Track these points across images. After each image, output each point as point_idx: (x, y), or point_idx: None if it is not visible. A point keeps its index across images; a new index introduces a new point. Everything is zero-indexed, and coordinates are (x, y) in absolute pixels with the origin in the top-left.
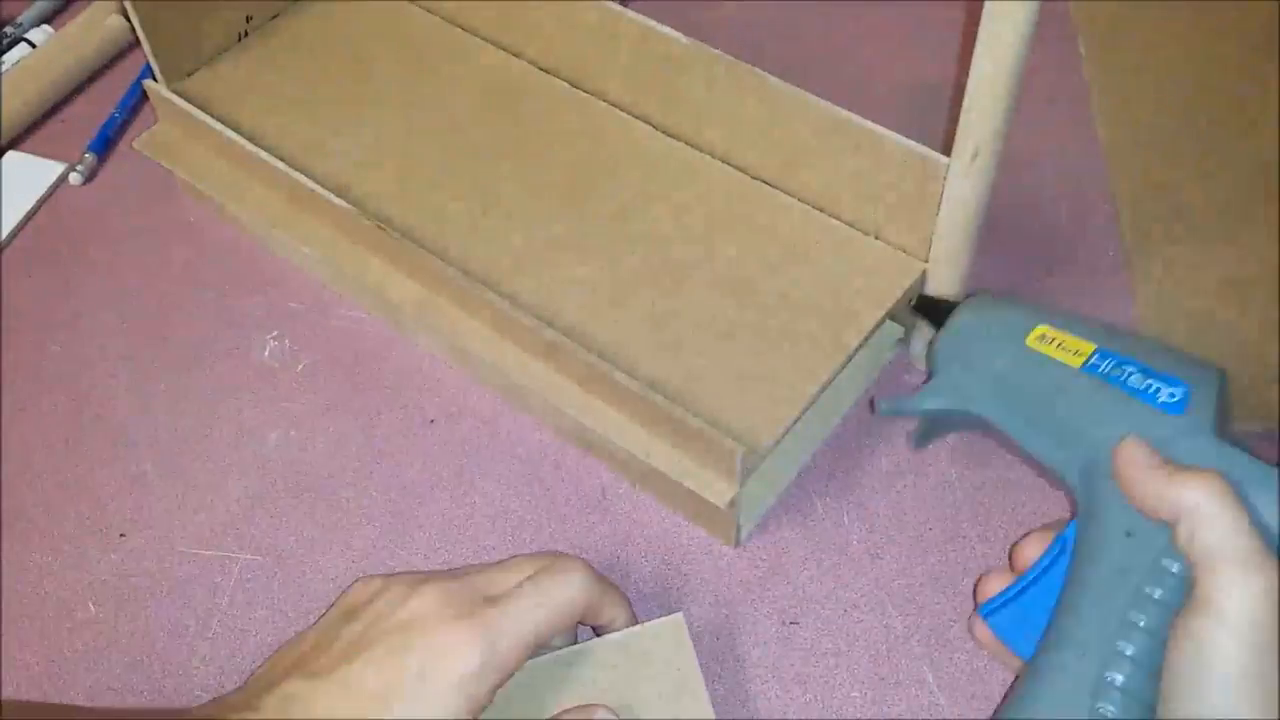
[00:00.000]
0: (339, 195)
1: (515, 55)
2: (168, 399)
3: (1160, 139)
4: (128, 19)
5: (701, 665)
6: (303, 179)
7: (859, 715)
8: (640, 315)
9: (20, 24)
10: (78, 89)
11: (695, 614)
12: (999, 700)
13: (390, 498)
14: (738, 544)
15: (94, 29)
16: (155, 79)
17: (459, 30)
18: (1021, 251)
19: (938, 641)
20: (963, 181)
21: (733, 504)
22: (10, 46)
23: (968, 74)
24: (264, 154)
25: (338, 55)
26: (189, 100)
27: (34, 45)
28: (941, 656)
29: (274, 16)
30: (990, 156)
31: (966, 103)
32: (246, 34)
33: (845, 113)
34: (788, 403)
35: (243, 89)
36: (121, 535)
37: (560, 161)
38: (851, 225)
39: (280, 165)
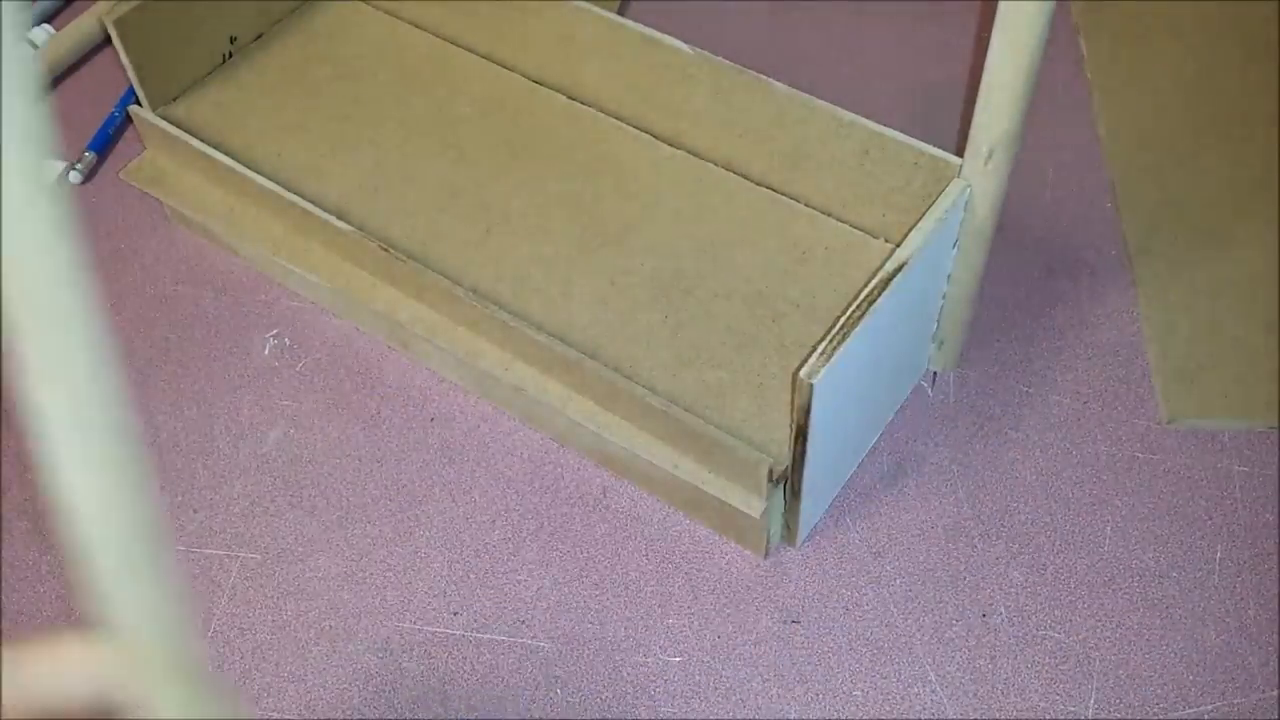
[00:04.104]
0: (340, 219)
1: (510, 70)
2: (168, 397)
3: (1161, 139)
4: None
5: (702, 664)
6: (304, 204)
7: (860, 714)
8: (654, 329)
9: None
10: (75, 84)
11: (696, 612)
12: (1001, 699)
13: (390, 496)
14: (767, 555)
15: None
16: (140, 104)
17: (451, 46)
18: (1024, 251)
19: (939, 640)
20: (977, 181)
21: (764, 515)
22: None
23: (980, 74)
24: (262, 179)
25: (326, 75)
26: (177, 125)
27: (35, 45)
28: (943, 655)
29: (257, 37)
30: (1005, 157)
31: (980, 103)
32: (231, 55)
33: (851, 115)
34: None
35: (231, 113)
36: None
37: (563, 176)
38: (861, 229)
39: (280, 190)
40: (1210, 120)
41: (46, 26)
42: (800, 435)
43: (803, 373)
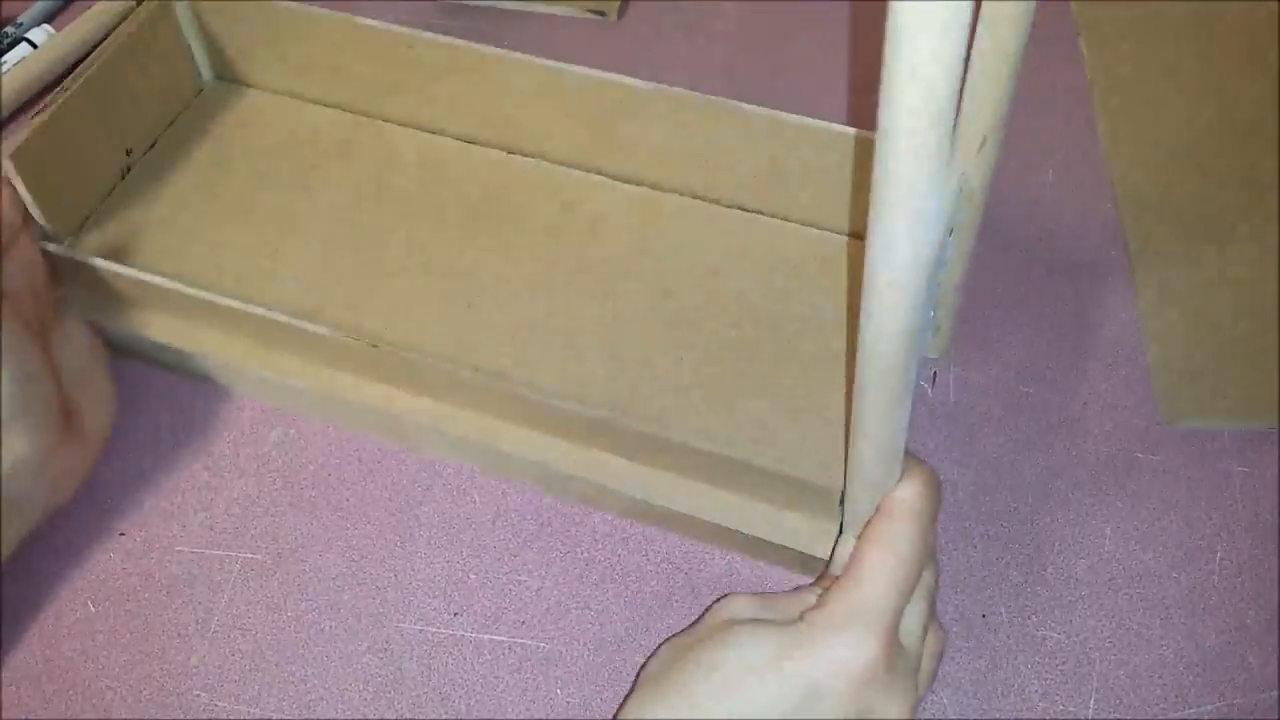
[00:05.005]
0: (311, 322)
1: (440, 134)
2: (169, 397)
3: (1161, 139)
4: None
5: None
6: (272, 314)
7: None
8: (673, 371)
9: (21, 24)
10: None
11: (696, 611)
12: (1000, 699)
13: (390, 496)
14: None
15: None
16: (49, 240)
17: (369, 119)
18: (1022, 252)
19: None
20: (970, 170)
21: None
22: (11, 46)
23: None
24: (215, 296)
25: (242, 171)
26: (95, 254)
27: (34, 45)
28: (944, 656)
29: (153, 145)
30: (997, 142)
31: (969, 93)
32: (129, 169)
33: (826, 124)
34: None
35: (149, 230)
36: (121, 534)
37: (527, 234)
38: (849, 234)
39: (238, 304)
40: (1211, 120)
41: (46, 27)
42: None
43: None
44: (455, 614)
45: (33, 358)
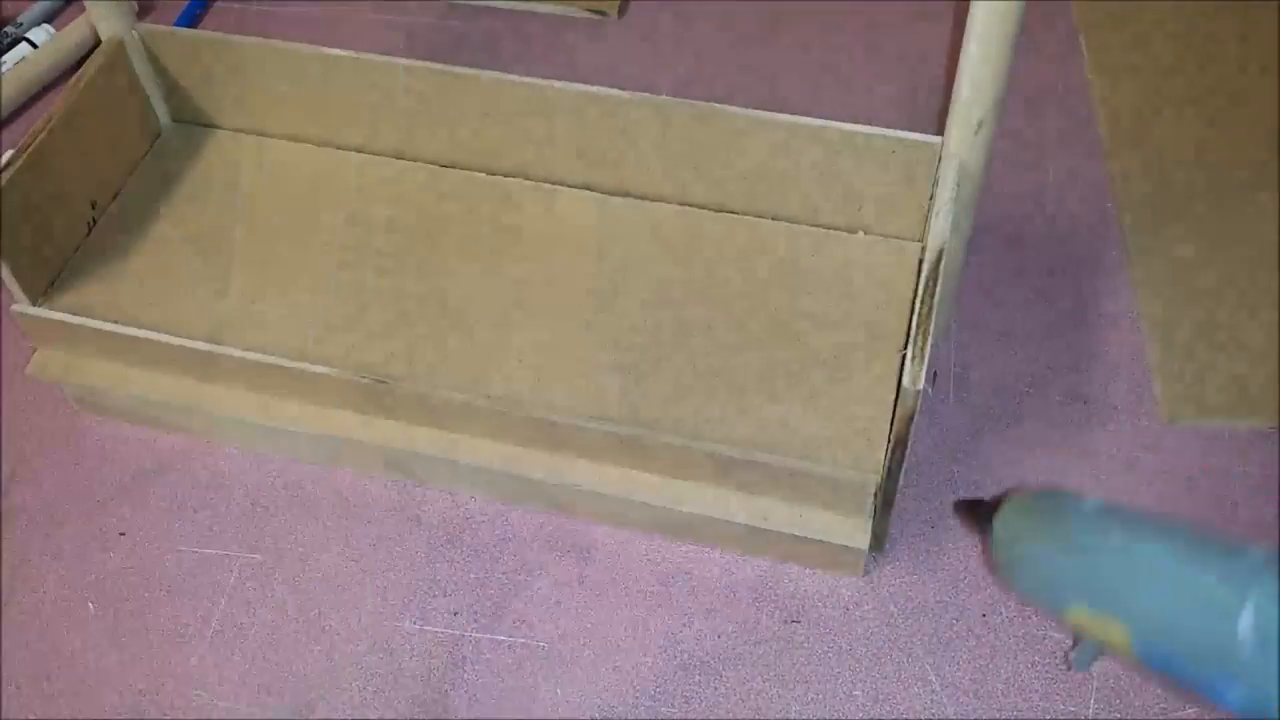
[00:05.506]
0: (311, 363)
1: (414, 160)
2: None
3: (1161, 139)
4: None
5: (703, 664)
6: (264, 358)
7: (860, 715)
8: (688, 380)
9: (20, 24)
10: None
11: (696, 612)
12: (1001, 699)
13: (390, 496)
14: (867, 573)
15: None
16: (18, 300)
17: (338, 151)
18: (1024, 251)
19: (939, 641)
20: (967, 154)
21: (870, 542)
22: (11, 46)
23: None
24: (211, 346)
25: (212, 215)
26: (69, 312)
27: (34, 45)
28: (943, 655)
29: (115, 196)
30: (991, 125)
31: (966, 76)
32: (95, 221)
33: (815, 121)
34: (879, 419)
35: (124, 283)
36: (121, 534)
37: (520, 256)
38: (843, 229)
39: (238, 353)
40: (1211, 120)
41: (46, 27)
42: (901, 444)
43: (907, 380)
44: (455, 614)
45: None
